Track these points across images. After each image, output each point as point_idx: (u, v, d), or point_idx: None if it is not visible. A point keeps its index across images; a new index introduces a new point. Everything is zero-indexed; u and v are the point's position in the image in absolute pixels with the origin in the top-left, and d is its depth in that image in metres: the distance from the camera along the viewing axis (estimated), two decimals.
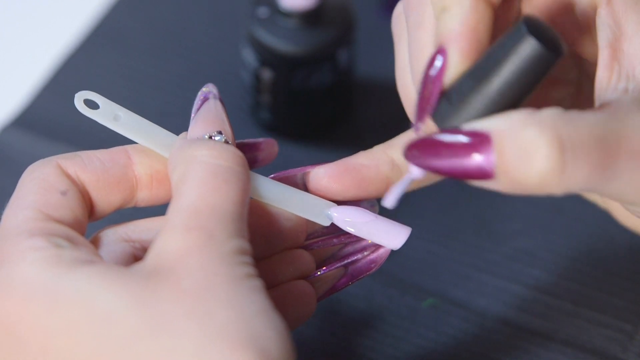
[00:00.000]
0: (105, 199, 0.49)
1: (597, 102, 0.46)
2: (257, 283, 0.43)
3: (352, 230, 0.50)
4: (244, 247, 0.44)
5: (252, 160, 0.51)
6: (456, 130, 0.43)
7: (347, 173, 0.51)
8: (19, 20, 0.83)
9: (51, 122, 0.73)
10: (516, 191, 0.43)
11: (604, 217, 0.65)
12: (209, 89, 0.52)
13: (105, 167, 0.48)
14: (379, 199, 0.51)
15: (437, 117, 0.45)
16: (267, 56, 0.69)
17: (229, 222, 0.44)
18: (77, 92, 0.50)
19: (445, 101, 0.45)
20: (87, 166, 0.48)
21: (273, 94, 0.71)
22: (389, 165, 0.51)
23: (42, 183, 0.47)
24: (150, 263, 0.43)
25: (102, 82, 0.76)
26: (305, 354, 0.60)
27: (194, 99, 0.75)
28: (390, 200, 0.47)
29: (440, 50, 0.45)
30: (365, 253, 0.51)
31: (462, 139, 0.43)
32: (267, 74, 0.70)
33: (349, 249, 0.52)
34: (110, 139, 0.52)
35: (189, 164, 0.46)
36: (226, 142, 0.48)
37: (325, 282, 0.51)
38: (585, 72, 0.52)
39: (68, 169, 0.48)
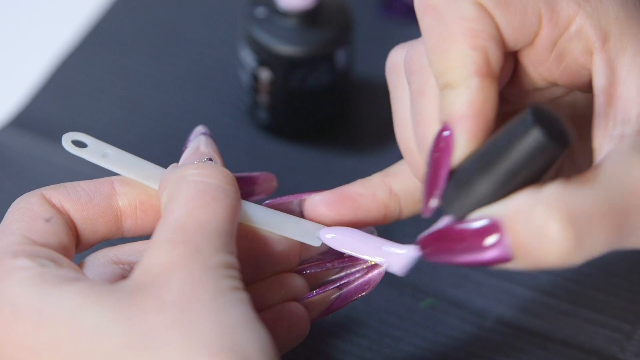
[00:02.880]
0: (91, 229, 0.49)
1: (595, 154, 0.46)
2: (242, 295, 0.43)
3: (342, 248, 0.50)
4: (231, 262, 0.44)
5: (249, 193, 0.52)
6: (465, 221, 0.43)
7: (343, 201, 0.51)
8: (17, 21, 0.83)
9: (49, 122, 0.73)
10: (539, 269, 0.43)
11: None
12: (199, 129, 0.52)
13: (89, 197, 0.49)
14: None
15: (445, 200, 0.45)
16: (265, 56, 0.69)
17: (216, 237, 0.44)
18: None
19: (452, 184, 0.44)
20: (71, 195, 0.49)
21: (271, 94, 0.71)
22: (386, 193, 0.51)
23: (27, 212, 0.48)
24: (135, 278, 0.44)
25: (100, 82, 0.76)
26: (302, 355, 0.60)
27: (192, 100, 0.76)
28: (396, 268, 0.50)
29: (446, 129, 0.45)
30: (358, 275, 0.52)
31: (473, 230, 0.43)
32: (265, 74, 0.70)
33: (344, 273, 0.52)
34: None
35: (178, 183, 0.47)
36: None
37: (319, 305, 0.52)
38: (579, 94, 0.52)
39: (52, 198, 0.49)
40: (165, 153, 0.71)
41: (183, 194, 0.46)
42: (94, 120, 0.73)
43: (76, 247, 0.50)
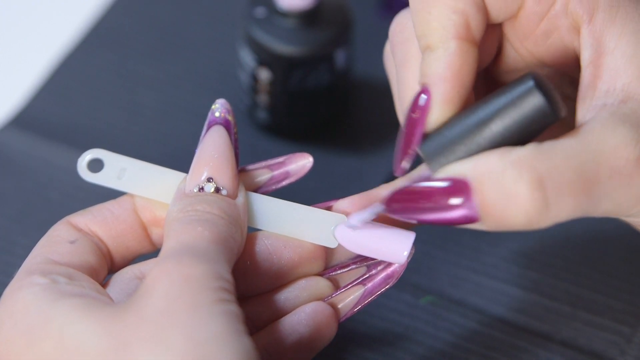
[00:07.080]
0: (122, 245, 0.50)
1: (577, 123, 0.45)
2: (227, 308, 0.43)
3: (356, 250, 0.50)
4: (218, 273, 0.44)
5: (283, 176, 0.52)
6: (434, 179, 0.43)
7: (370, 203, 0.51)
8: (17, 21, 0.83)
9: (49, 122, 0.73)
10: (504, 230, 0.43)
11: (601, 219, 0.65)
12: (218, 108, 0.52)
13: (114, 215, 0.50)
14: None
15: (424, 153, 0.45)
16: (265, 56, 0.69)
17: (200, 253, 0.45)
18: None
19: (436, 138, 0.45)
20: (97, 217, 0.50)
21: (270, 94, 0.70)
22: None
23: (53, 238, 0.49)
24: (132, 297, 0.44)
25: (100, 82, 0.76)
26: None
27: (192, 100, 0.75)
28: (352, 221, 0.48)
29: (424, 91, 0.45)
30: (380, 268, 0.51)
31: (441, 188, 0.43)
32: (264, 74, 0.69)
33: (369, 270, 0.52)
34: (107, 140, 0.52)
35: (168, 226, 0.47)
36: (217, 189, 0.49)
37: (345, 302, 0.51)
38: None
39: (79, 223, 0.50)
40: (165, 153, 0.71)
41: (172, 231, 0.47)
42: (94, 120, 0.73)
43: (111, 265, 0.51)
